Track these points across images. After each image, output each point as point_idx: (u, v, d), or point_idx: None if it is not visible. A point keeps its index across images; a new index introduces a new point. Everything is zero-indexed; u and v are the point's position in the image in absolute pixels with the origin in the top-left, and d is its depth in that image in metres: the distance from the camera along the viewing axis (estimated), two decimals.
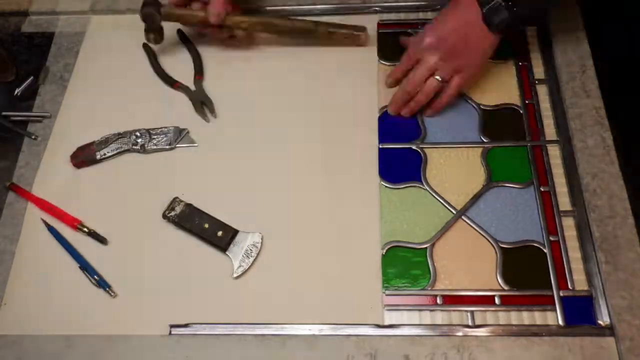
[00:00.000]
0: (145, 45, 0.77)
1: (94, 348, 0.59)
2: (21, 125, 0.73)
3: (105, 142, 0.70)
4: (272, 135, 0.71)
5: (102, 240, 0.64)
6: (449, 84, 0.67)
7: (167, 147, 0.70)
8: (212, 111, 0.73)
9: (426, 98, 0.68)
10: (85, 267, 0.63)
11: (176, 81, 0.75)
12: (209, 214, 0.65)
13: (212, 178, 0.68)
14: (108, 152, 0.69)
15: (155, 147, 0.70)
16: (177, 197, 0.66)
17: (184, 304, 0.61)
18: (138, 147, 0.69)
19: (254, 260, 0.62)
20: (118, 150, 0.70)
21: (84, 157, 0.69)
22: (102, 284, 0.61)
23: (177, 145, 0.70)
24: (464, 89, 0.70)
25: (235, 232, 0.63)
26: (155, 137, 0.70)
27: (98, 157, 0.69)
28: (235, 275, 0.61)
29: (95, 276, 0.62)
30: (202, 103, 0.73)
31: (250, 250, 0.62)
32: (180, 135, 0.70)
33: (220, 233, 0.63)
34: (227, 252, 0.62)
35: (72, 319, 0.61)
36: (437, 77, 0.66)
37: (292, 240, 0.64)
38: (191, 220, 0.64)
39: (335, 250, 0.63)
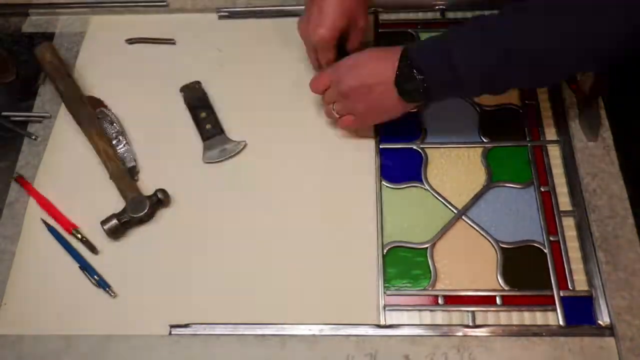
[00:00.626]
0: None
1: (94, 348, 0.59)
2: (21, 125, 0.73)
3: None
4: (272, 134, 0.71)
5: (93, 249, 0.64)
6: (342, 119, 0.66)
7: None
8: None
9: (327, 116, 0.69)
10: (85, 267, 0.63)
11: None
12: (212, 107, 0.72)
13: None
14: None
15: None
16: (198, 82, 0.72)
17: (184, 304, 0.61)
18: None
19: (226, 159, 0.69)
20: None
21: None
22: (102, 284, 0.61)
23: None
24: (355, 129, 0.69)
25: (220, 132, 0.70)
26: None
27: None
28: (205, 160, 0.69)
29: (95, 276, 0.62)
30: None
31: (226, 149, 0.69)
32: None
33: (209, 126, 0.70)
34: (204, 142, 0.69)
35: (72, 319, 0.61)
36: (333, 107, 0.66)
37: (291, 240, 0.64)
38: (196, 104, 0.71)
39: (335, 250, 0.63)
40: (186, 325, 0.60)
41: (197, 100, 0.72)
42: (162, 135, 0.72)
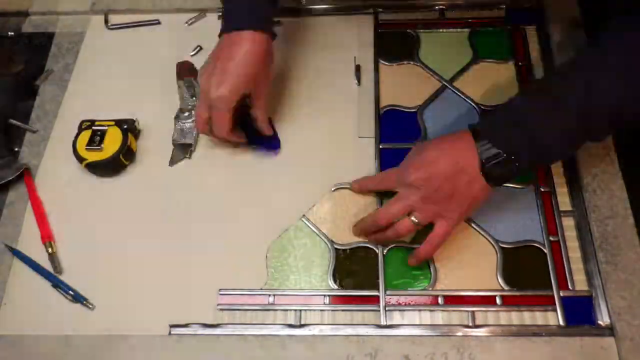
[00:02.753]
0: None
1: (94, 348, 0.59)
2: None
3: None
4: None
5: (56, 268, 0.63)
6: (432, 231, 0.58)
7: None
8: None
9: (396, 237, 0.60)
10: (58, 284, 0.62)
11: None
12: None
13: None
14: None
15: None
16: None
17: (184, 304, 0.61)
18: None
19: None
20: None
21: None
22: (78, 298, 0.61)
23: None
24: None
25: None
26: None
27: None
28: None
29: (70, 291, 0.61)
30: None
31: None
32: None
33: None
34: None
35: (72, 319, 0.61)
36: (414, 218, 0.57)
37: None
38: None
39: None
40: (186, 325, 0.60)
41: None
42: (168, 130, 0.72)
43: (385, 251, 0.62)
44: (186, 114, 0.71)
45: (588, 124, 0.52)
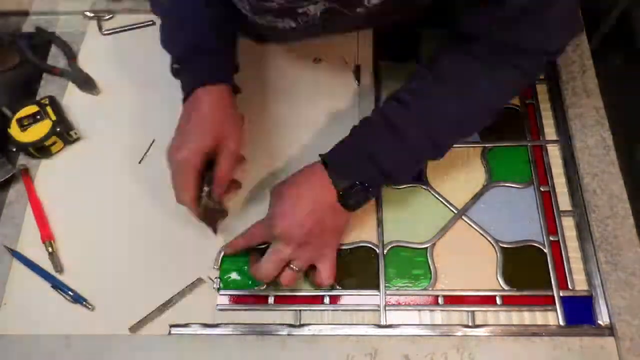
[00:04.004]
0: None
1: (94, 348, 0.59)
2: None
3: None
4: (268, 136, 0.71)
5: (57, 266, 0.63)
6: (317, 274, 0.59)
7: None
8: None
9: (288, 283, 0.58)
10: (58, 285, 0.62)
11: (53, 67, 0.77)
12: None
13: None
14: None
15: None
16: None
17: (184, 304, 0.61)
18: None
19: None
20: None
21: None
22: (77, 298, 0.61)
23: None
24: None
25: None
26: None
27: None
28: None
29: (69, 292, 0.61)
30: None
31: None
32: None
33: None
34: None
35: (72, 319, 0.61)
36: (294, 267, 0.57)
37: None
38: None
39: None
40: (186, 325, 0.60)
41: None
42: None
43: (385, 251, 0.62)
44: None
45: (430, 147, 0.57)
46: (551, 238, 0.62)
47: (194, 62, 0.61)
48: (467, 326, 0.58)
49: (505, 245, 0.62)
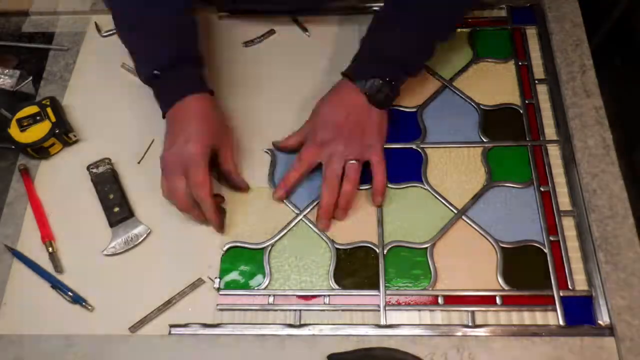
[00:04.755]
0: None
1: (94, 348, 0.59)
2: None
3: None
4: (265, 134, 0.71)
5: (57, 267, 0.63)
6: (372, 166, 0.64)
7: None
8: None
9: (354, 186, 0.63)
10: (57, 285, 0.62)
11: None
12: (122, 187, 0.67)
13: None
14: None
15: None
16: (108, 159, 0.68)
17: (184, 304, 0.61)
18: None
19: (130, 249, 0.64)
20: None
21: None
22: (76, 299, 0.61)
23: None
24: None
25: (129, 216, 0.65)
26: None
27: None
28: (105, 252, 0.63)
29: (69, 292, 0.61)
30: None
31: (131, 238, 0.64)
32: None
33: (117, 209, 0.65)
34: (112, 228, 0.64)
35: (72, 319, 0.61)
36: (352, 160, 0.63)
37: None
38: (104, 184, 0.66)
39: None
40: (186, 325, 0.60)
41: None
42: None
43: (385, 251, 0.62)
44: None
45: (429, 34, 0.65)
46: (551, 238, 0.62)
47: (179, 70, 0.63)
48: (467, 326, 0.58)
49: (505, 245, 0.62)
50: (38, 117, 0.69)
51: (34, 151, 0.69)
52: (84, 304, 0.61)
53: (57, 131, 0.69)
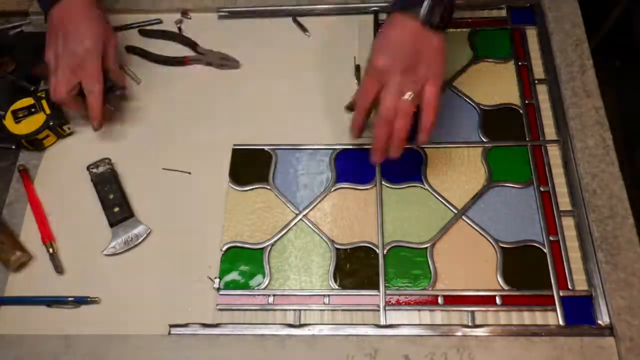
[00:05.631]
0: None
1: (94, 348, 0.59)
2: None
3: None
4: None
5: (57, 267, 0.63)
6: (424, 99, 0.61)
7: None
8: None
9: (406, 121, 0.60)
10: (54, 300, 0.62)
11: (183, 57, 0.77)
12: (121, 187, 0.67)
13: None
14: None
15: None
16: (108, 159, 0.69)
17: (184, 304, 0.61)
18: None
19: (130, 249, 0.64)
20: None
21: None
22: (79, 300, 0.61)
23: None
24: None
25: (129, 216, 0.65)
26: None
27: None
28: (105, 252, 0.63)
29: (69, 299, 0.61)
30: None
31: (131, 238, 0.64)
32: None
33: (117, 209, 0.65)
34: (112, 228, 0.65)
35: (72, 319, 0.61)
36: (408, 94, 0.60)
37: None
38: (104, 184, 0.67)
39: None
40: (186, 325, 0.60)
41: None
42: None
43: (385, 251, 0.62)
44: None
45: None
46: (551, 238, 0.62)
47: None
48: (467, 326, 0.58)
49: (505, 245, 0.62)
50: (33, 109, 0.69)
51: (28, 143, 0.69)
52: (89, 299, 0.61)
53: (51, 123, 0.69)
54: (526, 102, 0.71)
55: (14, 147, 0.70)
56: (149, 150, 0.71)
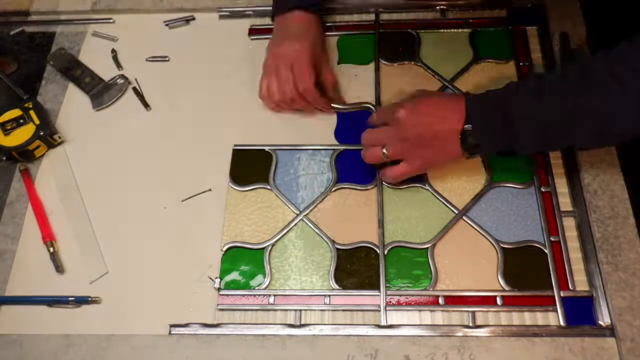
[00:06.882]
0: None
1: (94, 348, 0.59)
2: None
3: None
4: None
5: (58, 267, 0.63)
6: (397, 165, 0.62)
7: None
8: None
9: (369, 161, 0.64)
10: (55, 301, 0.62)
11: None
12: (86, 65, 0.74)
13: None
14: None
15: None
16: (62, 48, 0.76)
17: (184, 304, 0.61)
18: None
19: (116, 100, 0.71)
20: None
21: None
22: (80, 300, 0.61)
23: None
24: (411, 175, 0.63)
25: (101, 81, 0.73)
26: None
27: None
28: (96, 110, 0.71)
29: (70, 298, 0.61)
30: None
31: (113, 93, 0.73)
32: None
33: (88, 79, 0.73)
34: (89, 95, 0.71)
35: (72, 319, 0.61)
36: (385, 151, 0.61)
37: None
38: (69, 68, 0.75)
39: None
40: (186, 325, 0.60)
41: (67, 63, 0.76)
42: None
43: (386, 251, 0.62)
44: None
45: (567, 122, 0.54)
46: (552, 238, 0.62)
47: None
48: (467, 327, 0.58)
49: (506, 246, 0.62)
50: (22, 120, 0.69)
51: (19, 154, 0.69)
52: (89, 299, 0.61)
53: (41, 133, 0.69)
54: None
55: (5, 158, 0.70)
56: (149, 150, 0.71)
